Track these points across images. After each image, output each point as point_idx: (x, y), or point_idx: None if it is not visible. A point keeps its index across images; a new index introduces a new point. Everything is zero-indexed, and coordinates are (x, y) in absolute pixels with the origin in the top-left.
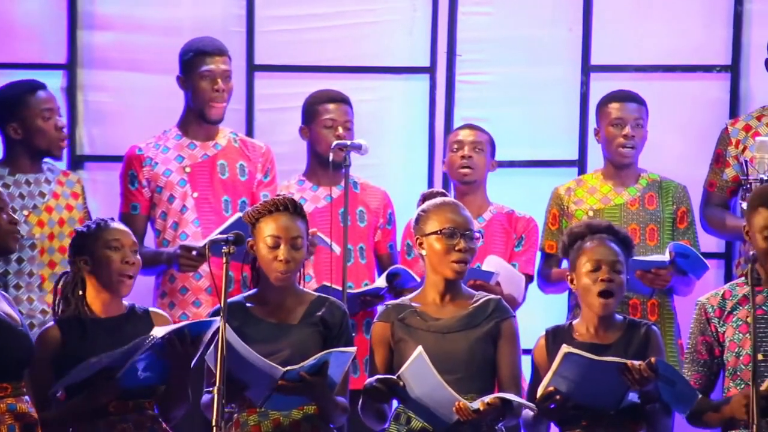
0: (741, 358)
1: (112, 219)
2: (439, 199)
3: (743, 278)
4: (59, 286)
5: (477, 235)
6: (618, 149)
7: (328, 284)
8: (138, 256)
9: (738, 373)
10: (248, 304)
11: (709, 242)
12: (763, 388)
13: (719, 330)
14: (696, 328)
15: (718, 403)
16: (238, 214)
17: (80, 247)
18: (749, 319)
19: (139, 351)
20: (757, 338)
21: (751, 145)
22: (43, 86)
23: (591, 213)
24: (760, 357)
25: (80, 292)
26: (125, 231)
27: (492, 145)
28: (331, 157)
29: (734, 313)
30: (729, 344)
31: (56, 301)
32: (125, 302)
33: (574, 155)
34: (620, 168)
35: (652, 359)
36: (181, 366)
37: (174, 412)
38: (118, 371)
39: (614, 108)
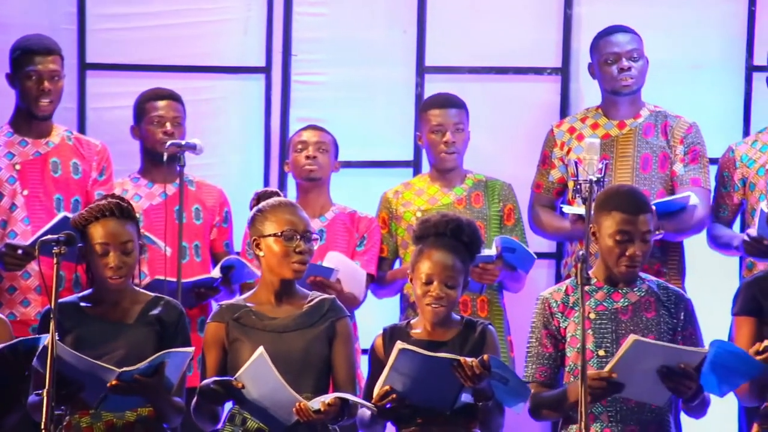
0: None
1: None
2: (275, 200)
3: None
4: None
5: (315, 236)
6: (440, 155)
7: (162, 278)
8: None
9: (579, 368)
10: (83, 304)
11: (541, 242)
12: (607, 368)
13: (561, 325)
14: (539, 321)
15: (556, 395)
16: (63, 214)
17: None
18: (591, 315)
19: None
20: (599, 334)
21: (576, 146)
22: None
23: (419, 214)
24: (602, 353)
25: None
26: None
27: (335, 145)
28: (165, 156)
29: (576, 308)
30: (570, 339)
31: None
32: None
33: (409, 156)
34: (445, 171)
35: (485, 356)
36: (13, 378)
37: (6, 420)
38: None
39: (434, 114)
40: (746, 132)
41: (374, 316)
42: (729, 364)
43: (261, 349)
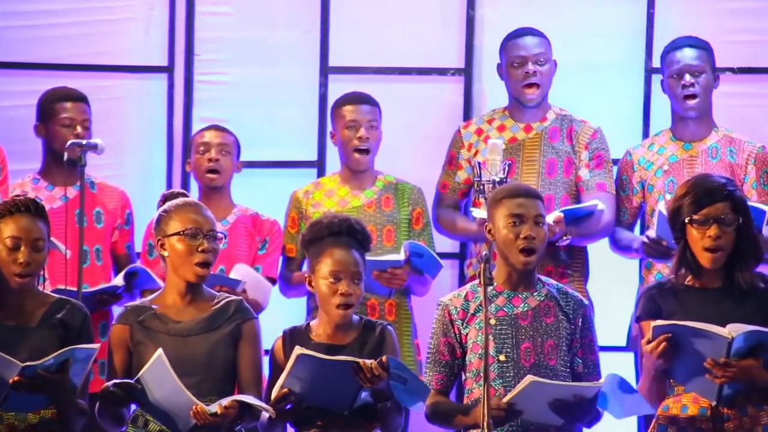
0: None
1: None
2: (180, 200)
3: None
4: None
5: (220, 235)
6: (353, 152)
7: (63, 287)
8: None
9: (482, 374)
10: None
11: (444, 243)
12: (505, 400)
13: (462, 331)
14: (439, 329)
15: (466, 406)
16: None
17: None
18: (491, 321)
19: None
20: (499, 339)
21: (483, 148)
22: None
23: None
24: (502, 358)
25: None
26: None
27: (238, 146)
28: (66, 156)
29: (477, 314)
30: (472, 346)
31: None
32: None
33: (313, 156)
34: (357, 171)
35: (384, 357)
36: None
37: None
38: None
39: (347, 111)
40: (645, 134)
41: (280, 317)
42: (624, 396)
43: (159, 351)
